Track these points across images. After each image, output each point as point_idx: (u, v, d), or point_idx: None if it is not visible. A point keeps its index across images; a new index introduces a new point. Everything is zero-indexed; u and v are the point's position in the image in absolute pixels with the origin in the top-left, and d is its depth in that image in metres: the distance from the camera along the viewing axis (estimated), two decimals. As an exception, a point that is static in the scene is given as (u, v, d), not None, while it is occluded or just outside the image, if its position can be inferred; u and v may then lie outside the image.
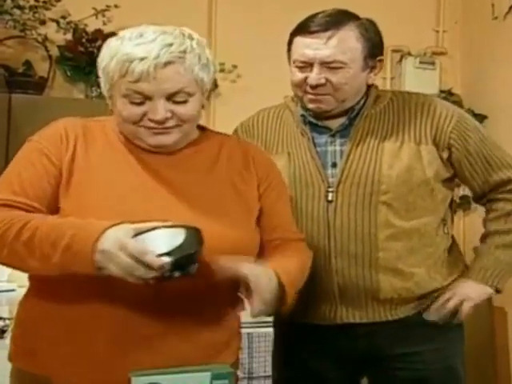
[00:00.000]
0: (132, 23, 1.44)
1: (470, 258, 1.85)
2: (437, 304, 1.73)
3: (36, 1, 3.06)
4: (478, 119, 3.46)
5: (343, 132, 1.73)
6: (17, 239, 1.24)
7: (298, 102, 1.79)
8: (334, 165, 1.71)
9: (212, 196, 1.40)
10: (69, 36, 3.17)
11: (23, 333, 1.40)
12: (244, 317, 1.58)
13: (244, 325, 1.55)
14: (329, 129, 1.75)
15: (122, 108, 1.34)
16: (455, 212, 1.86)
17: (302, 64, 1.67)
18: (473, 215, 3.52)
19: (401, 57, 3.66)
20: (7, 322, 2.31)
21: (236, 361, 1.48)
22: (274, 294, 1.31)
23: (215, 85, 3.33)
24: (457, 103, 3.56)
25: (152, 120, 1.33)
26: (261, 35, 3.39)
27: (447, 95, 3.65)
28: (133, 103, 1.32)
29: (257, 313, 1.29)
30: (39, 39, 3.12)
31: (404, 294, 1.70)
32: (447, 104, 1.82)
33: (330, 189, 1.69)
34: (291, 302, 1.38)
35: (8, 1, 2.99)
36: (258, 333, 2.69)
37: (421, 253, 1.70)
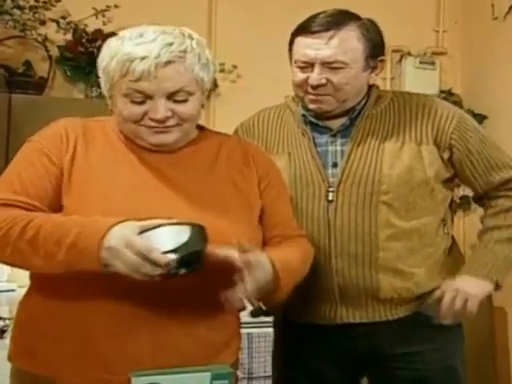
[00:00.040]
0: (132, 23, 1.44)
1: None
2: (434, 299, 1.68)
3: (36, 1, 3.06)
4: (478, 119, 3.46)
5: (344, 132, 1.73)
6: (20, 237, 1.24)
7: (299, 102, 1.78)
8: (335, 165, 1.71)
9: (213, 193, 1.40)
10: (69, 36, 3.17)
11: (23, 333, 1.40)
12: (244, 317, 1.59)
13: (244, 325, 1.55)
14: (329, 129, 1.74)
15: (123, 107, 1.35)
16: (455, 212, 1.86)
17: (304, 64, 1.67)
18: (473, 215, 3.52)
19: (401, 57, 3.66)
20: (7, 322, 2.31)
21: (236, 361, 1.48)
22: (267, 277, 1.30)
23: (215, 85, 3.33)
24: (457, 103, 3.56)
25: (153, 119, 1.34)
26: (261, 35, 3.39)
27: (447, 95, 3.65)
28: (133, 102, 1.33)
29: (250, 294, 1.27)
30: (39, 39, 3.12)
31: (404, 294, 1.70)
32: (448, 104, 1.82)
33: (331, 189, 1.69)
34: (287, 291, 1.37)
35: (8, 1, 2.99)
36: (258, 333, 2.69)
37: (421, 253, 1.70)
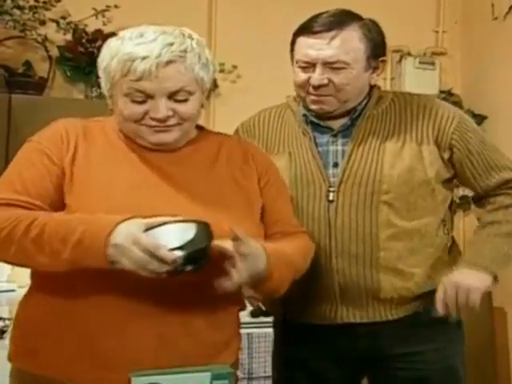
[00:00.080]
0: (132, 23, 1.45)
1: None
2: (439, 297, 1.65)
3: (36, 1, 3.06)
4: (478, 119, 3.46)
5: (345, 132, 1.73)
6: (25, 236, 1.25)
7: (300, 102, 1.79)
8: (336, 165, 1.71)
9: (215, 191, 1.41)
10: (69, 36, 3.17)
11: (24, 332, 1.40)
12: (244, 317, 1.59)
13: (244, 325, 1.55)
14: (330, 129, 1.74)
15: (124, 107, 1.35)
16: (455, 212, 1.85)
17: (305, 64, 1.67)
18: (473, 215, 3.51)
19: (400, 57, 3.66)
20: (7, 323, 2.31)
21: (236, 361, 1.48)
22: (260, 264, 1.29)
23: (215, 85, 3.33)
24: (457, 103, 3.56)
25: (154, 118, 1.35)
26: (261, 35, 3.39)
27: (447, 95, 3.64)
28: (134, 102, 1.34)
29: (241, 280, 1.26)
30: (39, 39, 3.11)
31: (404, 294, 1.70)
32: (448, 105, 1.82)
33: (332, 188, 1.69)
34: (282, 281, 1.37)
35: (8, 1, 2.99)
36: (258, 333, 2.69)
37: (421, 253, 1.70)
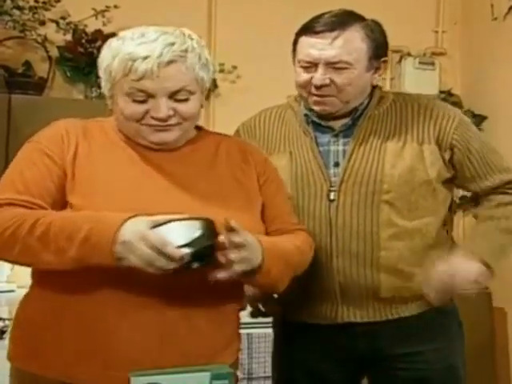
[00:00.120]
0: (132, 24, 1.45)
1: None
2: (428, 282, 1.63)
3: (36, 1, 3.06)
4: (478, 120, 3.47)
5: (346, 132, 1.73)
6: (30, 234, 1.25)
7: (302, 102, 1.79)
8: (337, 164, 1.71)
9: (216, 188, 1.42)
10: (68, 37, 3.17)
11: (24, 332, 1.39)
12: (244, 317, 1.59)
13: (244, 325, 1.55)
14: (332, 128, 1.75)
15: (125, 106, 1.36)
16: (455, 212, 1.85)
17: (307, 64, 1.67)
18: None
19: (400, 57, 3.66)
20: (7, 323, 2.31)
21: (236, 361, 1.48)
22: (253, 256, 1.29)
23: (215, 85, 3.34)
24: (456, 104, 3.56)
25: (155, 118, 1.35)
26: (261, 35, 3.39)
27: (447, 96, 3.65)
28: (135, 101, 1.35)
29: (229, 268, 1.26)
30: (39, 40, 3.12)
31: (405, 294, 1.70)
32: (449, 106, 1.83)
33: (332, 188, 1.69)
34: (277, 275, 1.37)
35: (8, 1, 2.99)
36: (258, 333, 2.69)
37: (422, 253, 1.70)
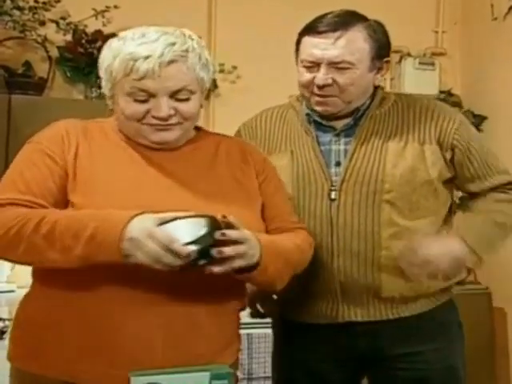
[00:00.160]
0: (132, 24, 1.45)
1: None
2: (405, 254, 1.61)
3: (36, 2, 3.06)
4: (478, 120, 3.47)
5: (348, 131, 1.74)
6: (35, 233, 1.25)
7: (303, 101, 1.79)
8: (338, 164, 1.71)
9: (216, 187, 1.43)
10: (68, 37, 3.17)
11: (24, 332, 1.39)
12: (244, 317, 1.59)
13: (244, 326, 1.55)
14: (333, 128, 1.75)
15: (126, 106, 1.37)
16: (455, 213, 1.85)
17: (310, 64, 1.68)
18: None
19: (400, 57, 3.66)
20: (7, 323, 2.31)
21: (236, 361, 1.48)
22: (251, 252, 1.29)
23: (215, 85, 3.34)
24: (456, 104, 3.57)
25: (156, 117, 1.36)
26: (261, 36, 3.39)
27: (447, 96, 3.64)
28: (137, 101, 1.36)
29: (230, 266, 1.26)
30: (39, 40, 3.12)
31: (405, 293, 1.70)
32: (449, 108, 1.84)
33: (334, 187, 1.69)
34: (275, 272, 1.37)
35: (8, 2, 2.99)
36: (258, 334, 2.69)
37: (423, 253, 1.70)
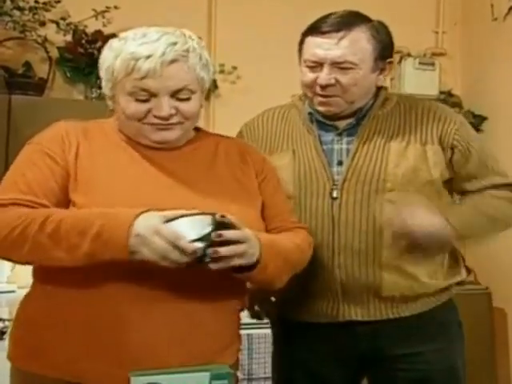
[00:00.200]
0: (132, 24, 1.46)
1: (471, 260, 1.84)
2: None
3: (36, 2, 3.06)
4: (478, 120, 3.47)
5: (350, 131, 1.74)
6: (41, 232, 1.25)
7: (306, 101, 1.79)
8: (340, 163, 1.72)
9: (217, 186, 1.43)
10: (68, 37, 3.17)
11: (25, 332, 1.39)
12: (244, 318, 1.59)
13: (244, 326, 1.55)
14: (336, 127, 1.75)
15: (127, 106, 1.37)
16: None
17: (313, 64, 1.68)
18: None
19: (400, 58, 3.66)
20: (7, 324, 2.31)
21: (236, 362, 1.48)
22: (251, 251, 1.29)
23: (215, 86, 3.34)
24: (457, 104, 3.57)
25: (157, 116, 1.37)
26: (261, 36, 3.39)
27: (447, 96, 3.64)
28: (138, 100, 1.36)
29: (228, 263, 1.26)
30: (39, 40, 3.12)
31: (406, 293, 1.70)
32: (451, 110, 1.86)
33: (335, 186, 1.69)
34: (274, 271, 1.37)
35: (8, 2, 2.99)
36: (258, 334, 2.69)
37: (423, 252, 1.71)
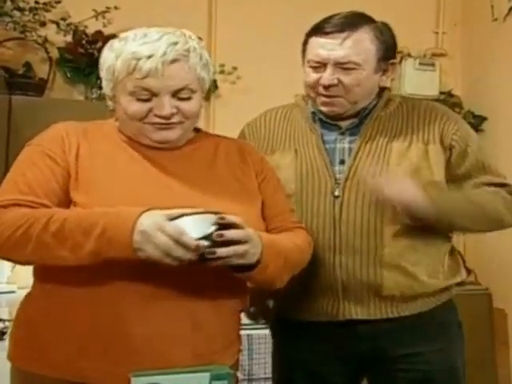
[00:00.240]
0: (132, 25, 1.46)
1: (471, 261, 1.84)
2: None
3: (36, 2, 3.06)
4: (478, 121, 3.47)
5: (353, 130, 1.75)
6: (45, 231, 1.26)
7: (309, 101, 1.80)
8: (342, 162, 1.72)
9: (217, 186, 1.44)
10: (69, 38, 3.17)
11: (26, 333, 1.39)
12: (244, 318, 1.59)
13: (244, 326, 1.55)
14: (338, 126, 1.76)
15: (128, 105, 1.38)
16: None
17: (316, 64, 1.69)
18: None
19: (400, 58, 3.65)
20: (7, 324, 2.31)
21: (236, 362, 1.48)
22: (252, 250, 1.30)
23: (215, 86, 3.34)
24: (457, 105, 3.57)
25: (158, 116, 1.37)
26: (261, 36, 3.39)
27: (447, 97, 3.65)
28: (139, 100, 1.37)
29: (227, 261, 1.27)
30: (39, 41, 3.12)
31: (406, 292, 1.70)
32: (451, 111, 1.87)
33: (337, 185, 1.70)
34: (275, 271, 1.37)
35: (8, 2, 2.99)
36: (258, 334, 2.69)
37: (424, 252, 1.71)
